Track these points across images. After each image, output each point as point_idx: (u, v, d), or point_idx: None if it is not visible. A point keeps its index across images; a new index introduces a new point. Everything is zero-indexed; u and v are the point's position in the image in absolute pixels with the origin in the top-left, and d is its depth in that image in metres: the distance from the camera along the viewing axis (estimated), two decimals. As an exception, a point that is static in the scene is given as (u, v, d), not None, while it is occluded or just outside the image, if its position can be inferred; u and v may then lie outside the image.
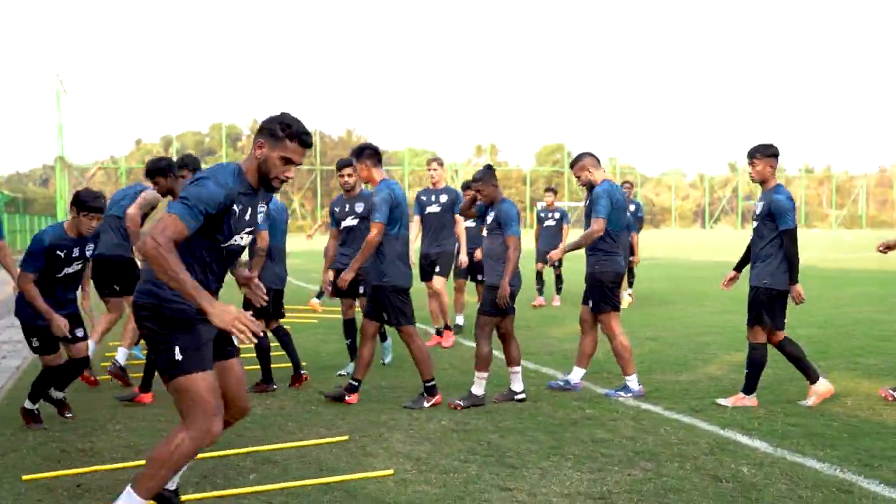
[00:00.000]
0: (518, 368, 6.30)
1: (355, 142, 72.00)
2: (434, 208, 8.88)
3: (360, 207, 6.99)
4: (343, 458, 4.83)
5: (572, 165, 6.58)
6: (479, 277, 9.44)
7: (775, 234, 5.86)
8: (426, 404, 6.07)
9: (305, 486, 4.28)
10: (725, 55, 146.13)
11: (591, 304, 6.52)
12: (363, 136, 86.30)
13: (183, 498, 4.08)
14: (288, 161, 3.45)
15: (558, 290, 13.06)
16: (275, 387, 6.71)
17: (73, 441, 5.24)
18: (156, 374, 5.83)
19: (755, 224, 6.06)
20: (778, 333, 5.98)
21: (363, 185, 7.06)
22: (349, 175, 6.96)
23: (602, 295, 6.42)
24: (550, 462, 4.75)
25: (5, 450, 5.06)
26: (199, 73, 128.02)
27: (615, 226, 6.38)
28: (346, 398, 6.18)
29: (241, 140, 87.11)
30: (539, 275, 12.97)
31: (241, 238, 3.52)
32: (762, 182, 5.99)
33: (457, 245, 9.10)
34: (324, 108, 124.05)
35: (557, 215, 12.93)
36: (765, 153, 5.93)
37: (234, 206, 3.38)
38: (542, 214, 13.10)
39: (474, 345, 6.37)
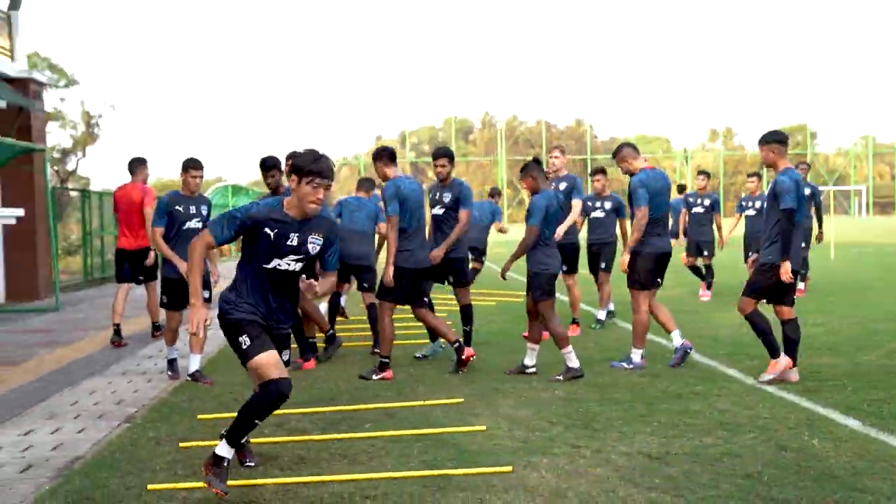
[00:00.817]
0: (536, 346, 6.91)
1: (583, 132, 71.94)
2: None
3: (447, 197, 7.45)
4: (451, 416, 5.58)
5: (614, 156, 7.18)
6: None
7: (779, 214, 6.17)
8: (375, 377, 6.78)
9: (404, 435, 5.08)
10: None
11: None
12: (591, 124, 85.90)
13: (310, 438, 5.06)
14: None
15: (708, 284, 11.94)
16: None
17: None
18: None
19: (766, 205, 6.43)
20: (783, 309, 6.35)
21: (452, 176, 7.55)
22: (443, 166, 7.40)
23: (640, 273, 6.99)
24: (632, 428, 5.17)
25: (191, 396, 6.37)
26: (433, 69, 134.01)
27: (655, 211, 6.90)
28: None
29: (473, 133, 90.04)
30: (694, 269, 11.92)
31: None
32: (772, 166, 6.37)
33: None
34: (552, 99, 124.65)
35: (707, 201, 11.79)
36: (766, 140, 6.33)
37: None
38: (691, 199, 11.98)
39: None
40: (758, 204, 11.03)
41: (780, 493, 3.94)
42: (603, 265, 9.66)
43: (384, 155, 7.06)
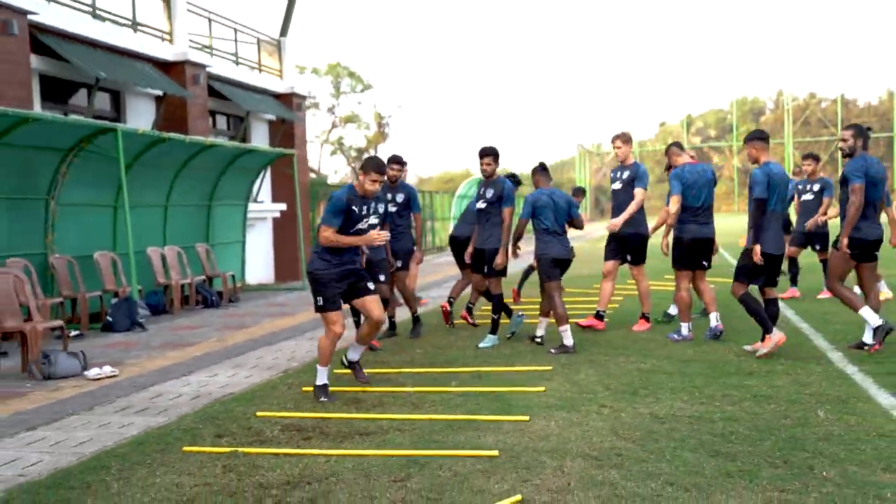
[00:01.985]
0: (545, 320, 8.00)
1: (887, 109, 64.76)
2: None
3: (489, 193, 8.00)
4: (529, 380, 6.46)
5: (666, 153, 8.14)
6: None
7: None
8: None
9: (474, 392, 6.09)
10: None
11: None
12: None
13: (405, 389, 6.25)
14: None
15: (793, 280, 11.11)
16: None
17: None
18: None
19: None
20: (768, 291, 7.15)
21: (497, 173, 8.07)
22: (487, 164, 7.93)
23: (678, 255, 7.88)
24: (676, 396, 5.71)
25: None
26: (719, 49, 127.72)
27: (693, 200, 7.73)
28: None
29: (765, 114, 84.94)
30: (792, 260, 11.02)
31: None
32: (755, 162, 7.00)
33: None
34: (855, 73, 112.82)
35: (817, 187, 10.72)
36: (747, 139, 7.05)
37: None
38: (800, 186, 10.90)
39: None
40: (817, 187, 10.72)
41: (731, 448, 4.41)
42: (818, 247, 10.63)
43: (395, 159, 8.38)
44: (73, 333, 9.84)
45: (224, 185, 14.62)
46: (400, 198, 8.38)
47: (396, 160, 8.36)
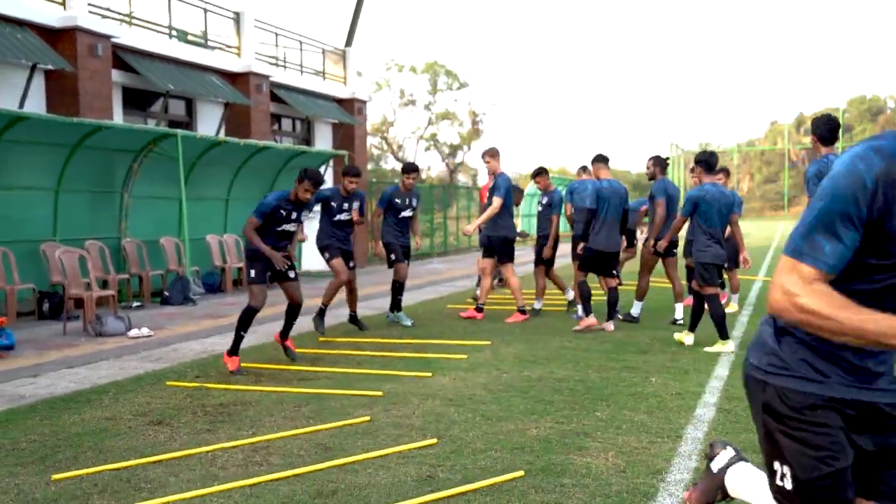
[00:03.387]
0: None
1: None
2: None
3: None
4: (466, 350, 7.89)
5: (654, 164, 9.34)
6: None
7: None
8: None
9: (412, 357, 7.57)
10: None
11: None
12: None
13: (362, 353, 7.80)
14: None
15: None
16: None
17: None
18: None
19: None
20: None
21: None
22: (414, 178, 9.61)
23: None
24: (562, 365, 7.02)
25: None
26: (836, 45, 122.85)
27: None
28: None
29: (885, 112, 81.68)
30: None
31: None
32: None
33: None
34: None
35: None
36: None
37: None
38: None
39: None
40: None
41: (554, 397, 5.76)
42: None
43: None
44: (135, 304, 11.88)
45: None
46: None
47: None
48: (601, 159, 9.09)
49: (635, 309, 9.57)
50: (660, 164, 9.30)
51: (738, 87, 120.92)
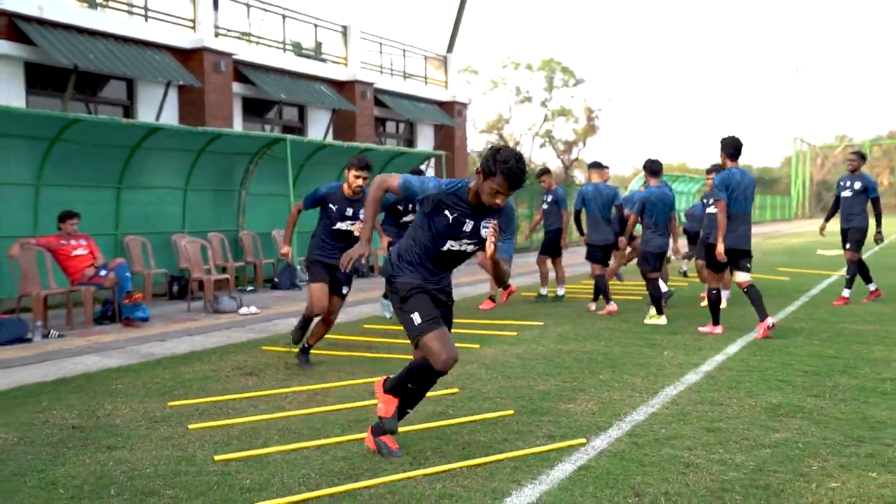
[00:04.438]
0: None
1: None
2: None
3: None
4: (519, 329, 9.03)
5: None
6: None
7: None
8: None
9: (467, 333, 8.79)
10: None
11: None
12: None
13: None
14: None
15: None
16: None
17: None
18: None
19: None
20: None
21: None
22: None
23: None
24: (587, 341, 8.07)
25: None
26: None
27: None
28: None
29: None
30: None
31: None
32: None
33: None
34: None
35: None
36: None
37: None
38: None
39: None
40: (857, 185, 10.44)
41: (571, 365, 6.83)
42: (847, 245, 10.44)
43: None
44: (249, 288, 13.65)
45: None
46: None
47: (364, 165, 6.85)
48: (595, 165, 10.56)
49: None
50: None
51: (878, 78, 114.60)
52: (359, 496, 3.79)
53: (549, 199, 11.55)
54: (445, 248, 4.27)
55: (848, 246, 10.51)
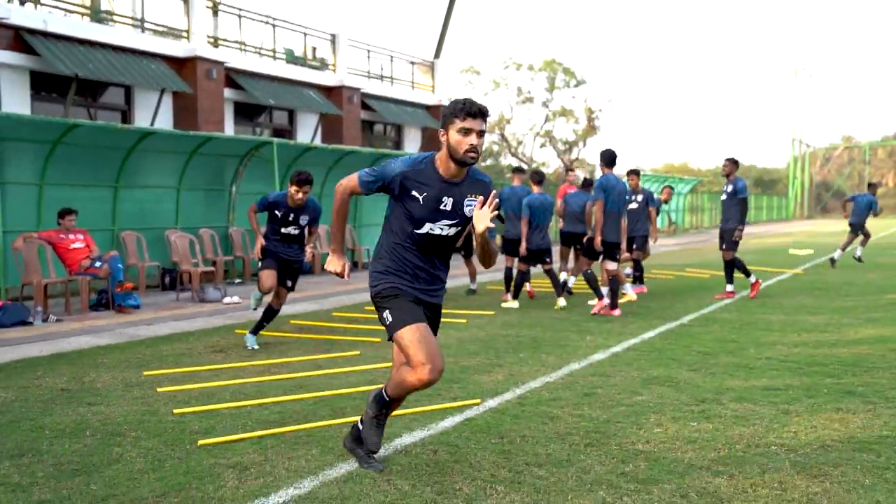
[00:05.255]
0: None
1: None
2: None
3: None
4: (469, 317, 10.01)
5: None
6: None
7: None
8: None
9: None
10: None
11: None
12: None
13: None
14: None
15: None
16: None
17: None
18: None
19: None
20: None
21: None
22: (305, 192, 7.58)
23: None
24: (563, 331, 9.05)
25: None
26: None
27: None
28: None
29: None
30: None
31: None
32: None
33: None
34: None
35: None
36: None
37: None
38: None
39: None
40: (729, 188, 11.51)
41: (499, 346, 7.81)
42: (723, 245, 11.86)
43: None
44: (237, 281, 14.67)
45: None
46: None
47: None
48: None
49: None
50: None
51: (884, 79, 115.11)
52: (282, 438, 4.79)
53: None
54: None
55: (724, 246, 11.53)
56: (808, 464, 4.19)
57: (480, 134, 3.70)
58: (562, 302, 10.76)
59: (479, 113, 3.72)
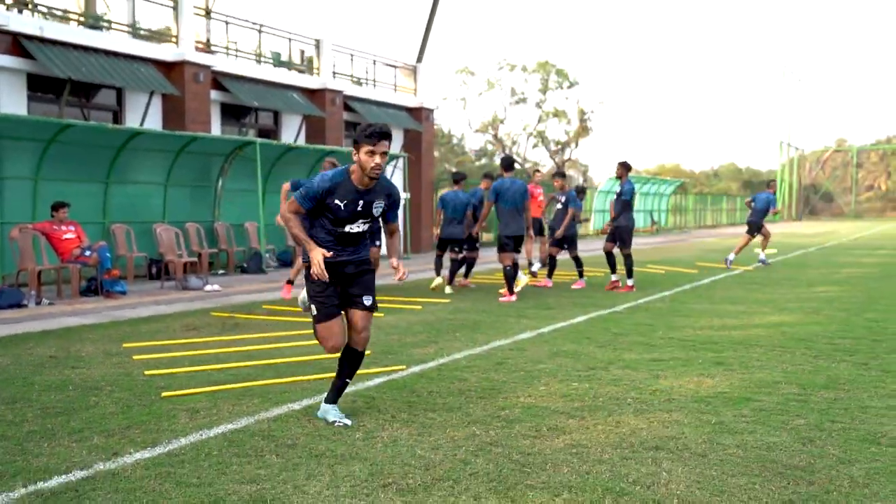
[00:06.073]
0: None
1: None
2: None
3: None
4: (425, 304, 10.99)
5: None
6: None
7: None
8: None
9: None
10: None
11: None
12: None
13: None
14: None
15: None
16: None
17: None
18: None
19: None
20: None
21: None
22: None
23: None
24: (522, 310, 10.04)
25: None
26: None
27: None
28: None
29: None
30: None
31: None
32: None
33: None
34: None
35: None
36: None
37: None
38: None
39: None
40: (617, 189, 12.94)
41: (443, 327, 8.80)
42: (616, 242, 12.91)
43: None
44: (221, 272, 15.65)
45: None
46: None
47: None
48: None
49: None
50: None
51: (878, 83, 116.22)
52: (231, 392, 5.77)
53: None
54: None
55: (618, 243, 12.66)
56: (648, 410, 5.18)
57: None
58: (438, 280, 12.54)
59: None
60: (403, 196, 23.23)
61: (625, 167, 12.64)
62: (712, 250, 24.16)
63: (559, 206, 13.66)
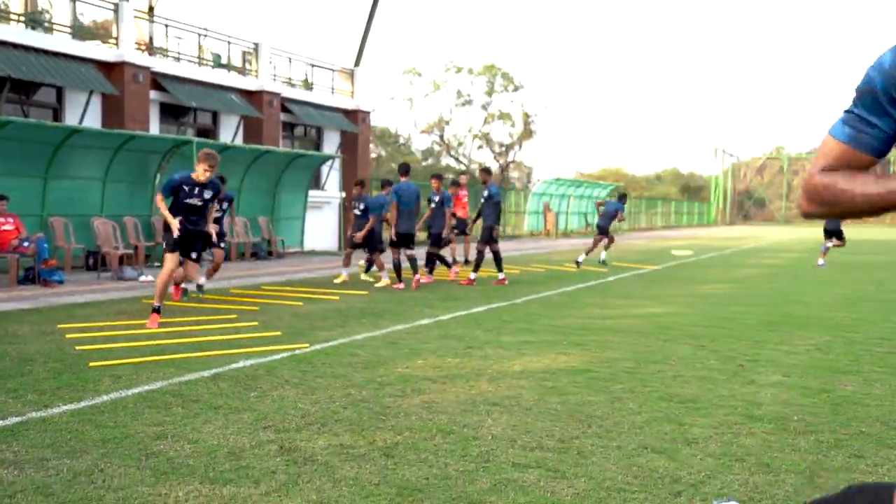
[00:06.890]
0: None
1: None
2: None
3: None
4: (348, 295, 11.97)
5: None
6: None
7: None
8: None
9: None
10: None
11: None
12: None
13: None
14: None
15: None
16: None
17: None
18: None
19: None
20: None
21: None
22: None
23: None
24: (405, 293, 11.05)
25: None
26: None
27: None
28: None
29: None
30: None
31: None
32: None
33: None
34: None
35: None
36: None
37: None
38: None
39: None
40: (486, 193, 13.83)
41: (382, 312, 9.80)
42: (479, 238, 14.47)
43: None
44: (157, 265, 16.37)
45: (287, 177, 20.87)
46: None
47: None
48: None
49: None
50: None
51: (814, 91, 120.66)
52: (153, 362, 6.68)
53: (437, 199, 14.25)
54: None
55: (479, 238, 13.96)
56: (501, 378, 6.26)
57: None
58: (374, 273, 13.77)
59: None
60: (338, 196, 24.16)
61: (487, 172, 14.00)
62: (633, 252, 25.54)
63: (433, 205, 14.37)
